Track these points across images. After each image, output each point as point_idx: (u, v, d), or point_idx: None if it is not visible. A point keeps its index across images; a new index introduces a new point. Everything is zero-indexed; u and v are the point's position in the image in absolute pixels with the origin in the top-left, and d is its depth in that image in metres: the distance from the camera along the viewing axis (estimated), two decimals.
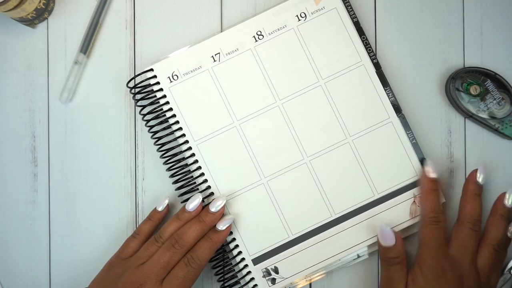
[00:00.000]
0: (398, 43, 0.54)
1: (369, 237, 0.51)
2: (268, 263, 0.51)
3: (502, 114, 0.52)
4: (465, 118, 0.54)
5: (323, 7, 0.52)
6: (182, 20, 0.54)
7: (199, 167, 0.51)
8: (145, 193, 0.54)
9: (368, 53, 0.52)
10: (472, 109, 0.52)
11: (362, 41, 0.52)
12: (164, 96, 0.51)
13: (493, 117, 0.52)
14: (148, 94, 0.52)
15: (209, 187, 0.51)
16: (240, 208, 0.51)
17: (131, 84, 0.53)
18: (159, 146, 0.52)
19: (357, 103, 0.51)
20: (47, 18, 0.54)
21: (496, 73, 0.52)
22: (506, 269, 0.52)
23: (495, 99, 0.52)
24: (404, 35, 0.54)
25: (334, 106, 0.51)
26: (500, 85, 0.52)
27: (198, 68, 0.51)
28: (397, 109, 0.52)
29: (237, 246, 0.51)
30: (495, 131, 0.52)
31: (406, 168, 0.51)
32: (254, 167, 0.51)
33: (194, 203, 0.49)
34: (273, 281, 0.51)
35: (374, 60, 0.52)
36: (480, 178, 0.51)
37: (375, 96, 0.51)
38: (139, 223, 0.54)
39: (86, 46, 0.53)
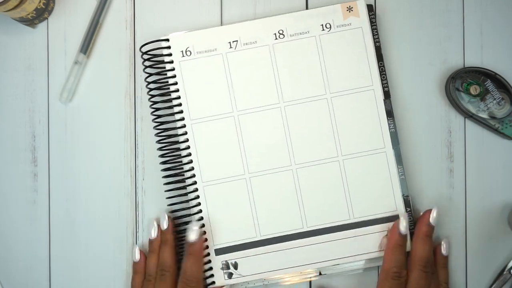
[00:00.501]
0: (398, 43, 0.54)
1: (332, 258, 0.51)
2: (230, 257, 0.51)
3: (502, 114, 0.52)
4: (465, 118, 0.54)
5: (350, 24, 0.52)
6: (182, 20, 0.54)
7: (188, 147, 0.51)
8: (145, 193, 0.54)
9: (382, 80, 0.52)
10: (472, 109, 0.52)
11: (379, 67, 0.52)
12: (173, 69, 0.51)
13: (493, 117, 0.52)
14: (157, 64, 0.52)
15: (192, 168, 0.51)
16: (216, 196, 0.51)
17: (144, 49, 0.52)
18: (155, 117, 0.51)
19: (357, 126, 0.51)
20: (47, 18, 0.54)
21: (496, 73, 0.52)
22: (506, 269, 0.52)
23: (495, 99, 0.52)
24: (404, 35, 0.54)
25: (334, 122, 0.51)
26: (500, 85, 0.52)
27: (213, 50, 0.51)
28: (395, 141, 0.51)
29: (204, 232, 0.51)
30: (495, 131, 0.52)
31: (388, 201, 0.51)
32: (241, 161, 0.51)
33: (152, 231, 0.51)
34: (230, 275, 0.51)
35: (386, 89, 0.52)
36: (432, 219, 0.50)
37: (377, 124, 0.51)
38: (139, 223, 0.54)
39: (86, 46, 0.53)
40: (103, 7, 0.53)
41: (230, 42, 0.51)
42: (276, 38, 0.51)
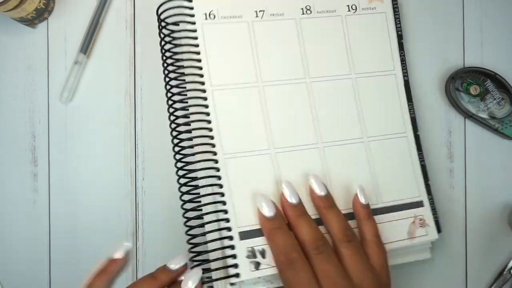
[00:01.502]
0: None
1: None
2: (257, 243, 0.44)
3: (502, 114, 0.52)
4: (465, 118, 0.54)
5: (375, 8, 0.52)
6: None
7: (208, 113, 0.47)
8: (145, 193, 0.54)
9: (402, 68, 0.52)
10: (472, 109, 0.52)
11: (400, 55, 0.52)
12: (194, 31, 0.49)
13: (493, 117, 0.52)
14: (176, 25, 0.49)
15: (212, 137, 0.47)
16: (238, 172, 0.46)
17: (164, 7, 0.49)
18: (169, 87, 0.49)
19: (380, 108, 0.51)
20: (47, 18, 0.54)
21: (496, 73, 0.52)
22: (506, 269, 0.52)
23: (495, 99, 0.52)
24: (404, 35, 0.54)
25: (359, 103, 0.51)
26: (500, 85, 0.52)
27: (238, 17, 0.50)
28: (415, 126, 0.51)
29: (226, 211, 0.45)
30: (495, 131, 0.52)
31: (411, 186, 0.50)
32: (266, 134, 0.48)
33: (174, 264, 0.44)
34: (257, 265, 0.44)
35: (405, 78, 0.52)
36: (362, 199, 0.46)
37: (398, 108, 0.51)
38: (139, 223, 0.54)
39: (86, 46, 0.53)
40: (103, 7, 0.54)
41: (256, 11, 0.50)
42: (303, 13, 0.51)
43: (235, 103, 0.48)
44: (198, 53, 0.48)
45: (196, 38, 0.49)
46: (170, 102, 0.48)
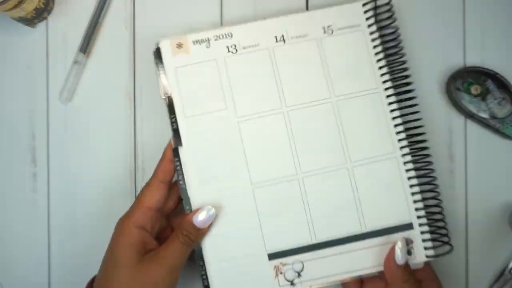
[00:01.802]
0: None
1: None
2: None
3: (503, 114, 0.52)
4: (465, 118, 0.53)
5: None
6: (182, 20, 0.54)
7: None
8: None
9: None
10: (473, 109, 0.52)
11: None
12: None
13: (494, 117, 0.52)
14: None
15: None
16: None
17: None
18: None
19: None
20: (46, 18, 0.54)
21: (496, 73, 0.52)
22: (507, 270, 0.52)
23: (495, 99, 0.52)
24: (404, 35, 0.53)
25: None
26: (501, 85, 0.52)
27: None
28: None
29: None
30: (496, 131, 0.52)
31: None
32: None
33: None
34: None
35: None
36: (398, 257, 0.46)
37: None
38: None
39: (86, 46, 0.53)
40: (102, 7, 0.53)
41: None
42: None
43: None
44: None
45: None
46: None
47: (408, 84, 0.50)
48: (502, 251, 0.53)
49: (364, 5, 0.51)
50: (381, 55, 0.50)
